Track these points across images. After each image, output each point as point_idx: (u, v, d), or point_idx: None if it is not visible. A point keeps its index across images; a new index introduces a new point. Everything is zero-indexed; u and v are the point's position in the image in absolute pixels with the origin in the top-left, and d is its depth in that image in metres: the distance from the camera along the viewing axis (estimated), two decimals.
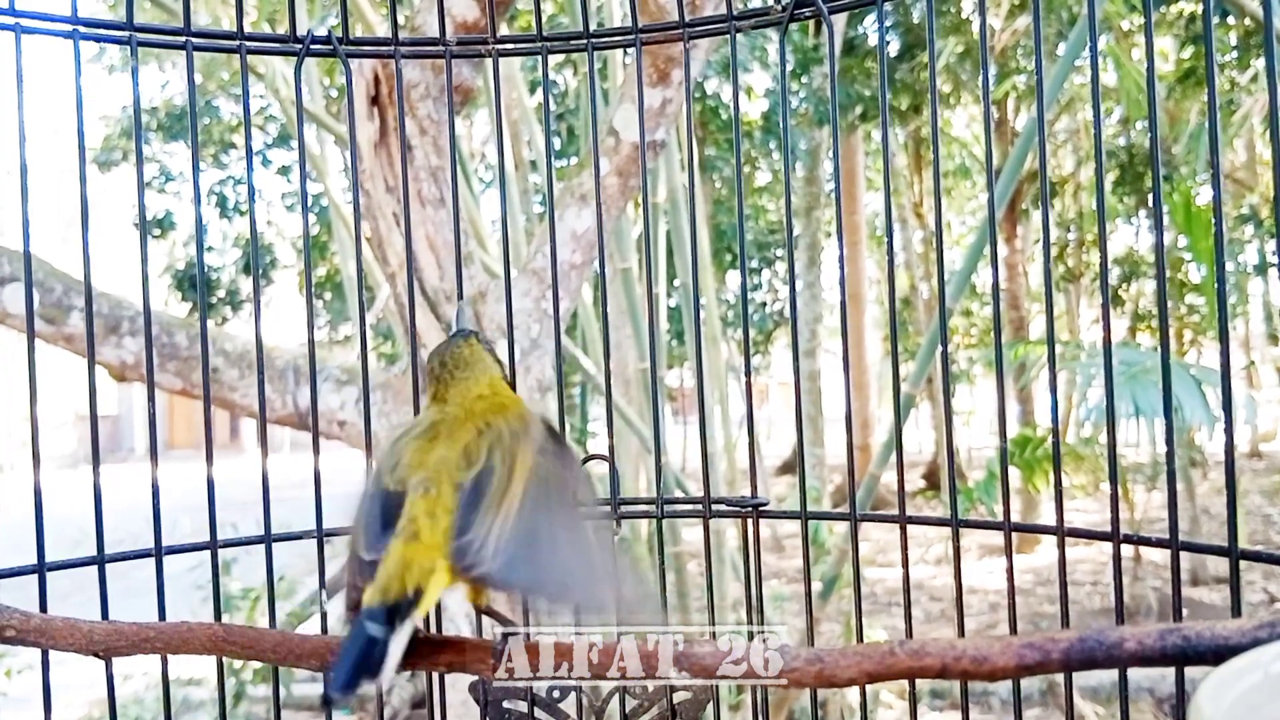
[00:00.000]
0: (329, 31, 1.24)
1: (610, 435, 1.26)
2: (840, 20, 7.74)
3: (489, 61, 1.29)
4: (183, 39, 1.18)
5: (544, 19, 1.27)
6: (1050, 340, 1.16)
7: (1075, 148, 12.02)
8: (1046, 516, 9.98)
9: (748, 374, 1.27)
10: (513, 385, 1.23)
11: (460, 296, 1.32)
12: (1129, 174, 10.21)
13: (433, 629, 1.13)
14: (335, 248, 6.63)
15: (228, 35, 1.22)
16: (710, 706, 1.12)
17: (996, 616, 8.17)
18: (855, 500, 1.22)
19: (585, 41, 1.28)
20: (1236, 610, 0.94)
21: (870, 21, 8.56)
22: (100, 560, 1.15)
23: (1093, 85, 1.08)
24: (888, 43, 9.18)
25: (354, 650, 0.73)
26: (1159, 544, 1.05)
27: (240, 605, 5.83)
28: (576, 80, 7.44)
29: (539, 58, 1.29)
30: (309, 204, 1.29)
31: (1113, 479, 1.06)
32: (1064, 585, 1.11)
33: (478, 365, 1.00)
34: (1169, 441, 1.05)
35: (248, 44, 1.22)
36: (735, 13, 1.21)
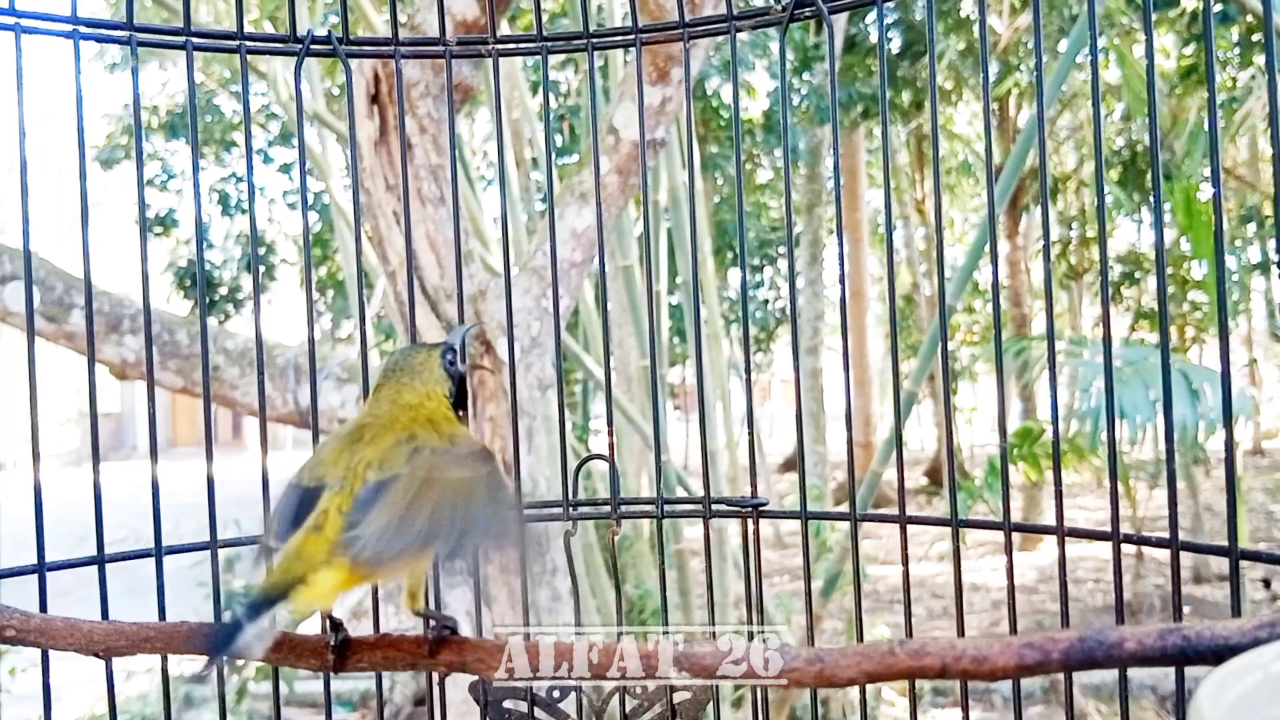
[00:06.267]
0: (329, 31, 1.24)
1: (610, 434, 1.26)
2: (841, 17, 7.73)
3: (489, 60, 1.29)
4: (182, 39, 1.18)
5: (545, 18, 1.27)
6: (1050, 338, 1.16)
7: (1078, 144, 12.00)
8: (1049, 514, 9.97)
9: (748, 372, 1.27)
10: (513, 388, 1.23)
11: (460, 295, 1.32)
12: (1131, 171, 10.19)
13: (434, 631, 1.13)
14: (337, 245, 6.64)
15: (228, 35, 1.22)
16: (710, 706, 1.12)
17: (1000, 614, 8.16)
18: (856, 500, 1.22)
19: (585, 41, 1.28)
20: (1237, 610, 0.94)
21: (872, 18, 8.54)
22: (100, 560, 1.15)
23: (1092, 83, 1.08)
24: (889, 40, 9.17)
25: (218, 631, 0.80)
26: (1159, 544, 1.05)
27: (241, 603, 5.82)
28: (578, 79, 7.43)
29: (540, 57, 1.29)
30: (310, 202, 1.29)
31: (1112, 478, 1.05)
32: (1064, 585, 1.11)
33: (422, 375, 1.01)
34: (1169, 440, 1.05)
35: (248, 44, 1.22)
36: (735, 12, 1.21)
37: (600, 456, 1.22)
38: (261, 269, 11.71)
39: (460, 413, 1.01)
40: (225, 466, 1.23)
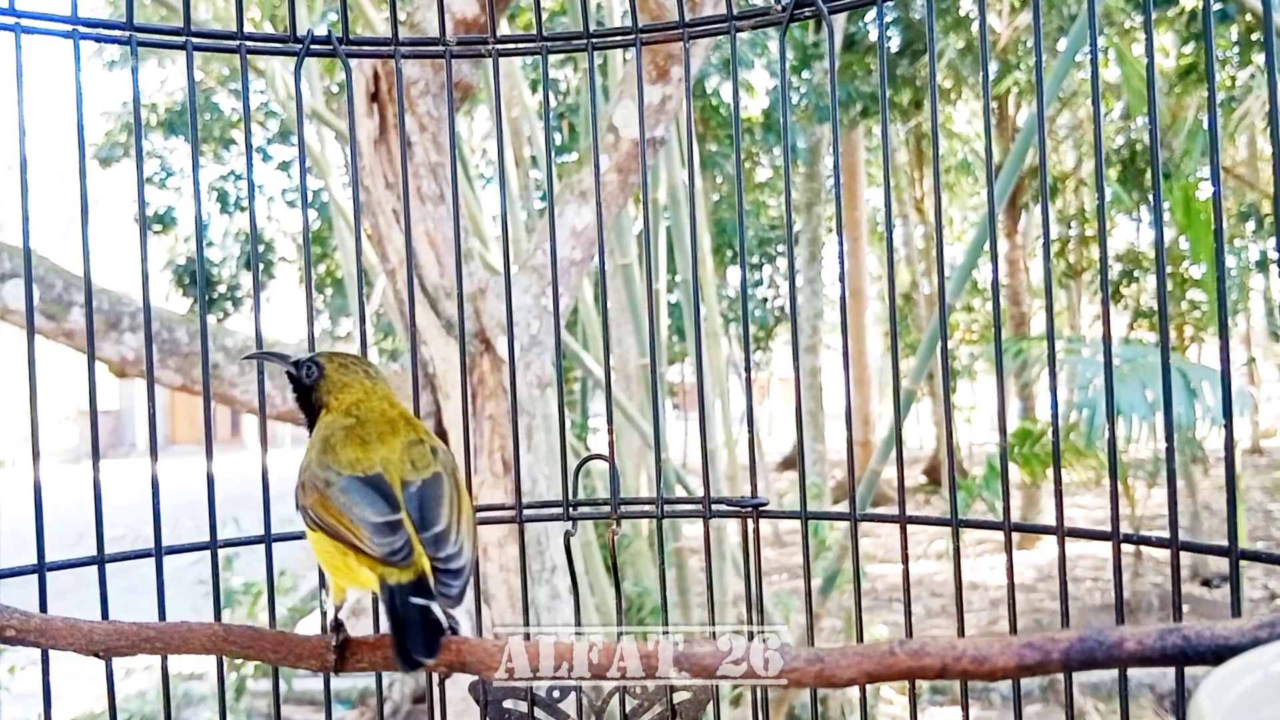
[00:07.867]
0: (329, 31, 1.24)
1: (610, 433, 1.26)
2: (840, 16, 7.72)
3: (489, 59, 1.29)
4: (182, 39, 1.18)
5: (544, 17, 1.27)
6: (1050, 337, 1.16)
7: (1076, 143, 12.00)
8: (1048, 513, 9.97)
9: (748, 370, 1.27)
10: (514, 386, 1.23)
11: (460, 293, 1.31)
12: (1130, 170, 10.19)
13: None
14: (336, 243, 6.63)
15: (228, 35, 1.22)
16: (710, 706, 1.12)
17: (998, 613, 8.16)
18: (855, 500, 1.22)
19: (585, 41, 1.28)
20: (1236, 610, 0.94)
21: (871, 17, 8.54)
22: (100, 560, 1.15)
23: (1093, 81, 1.08)
24: (889, 39, 9.17)
25: (421, 623, 0.82)
26: (1159, 544, 1.05)
27: (242, 600, 5.82)
28: (577, 77, 7.43)
29: (540, 57, 1.29)
30: (310, 200, 1.29)
31: (1113, 478, 1.06)
32: (1064, 586, 1.11)
33: (372, 376, 1.05)
34: (1169, 440, 1.05)
35: (248, 44, 1.22)
36: (735, 12, 1.21)
37: (600, 456, 1.22)
38: (260, 267, 11.68)
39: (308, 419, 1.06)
40: (224, 465, 1.23)
